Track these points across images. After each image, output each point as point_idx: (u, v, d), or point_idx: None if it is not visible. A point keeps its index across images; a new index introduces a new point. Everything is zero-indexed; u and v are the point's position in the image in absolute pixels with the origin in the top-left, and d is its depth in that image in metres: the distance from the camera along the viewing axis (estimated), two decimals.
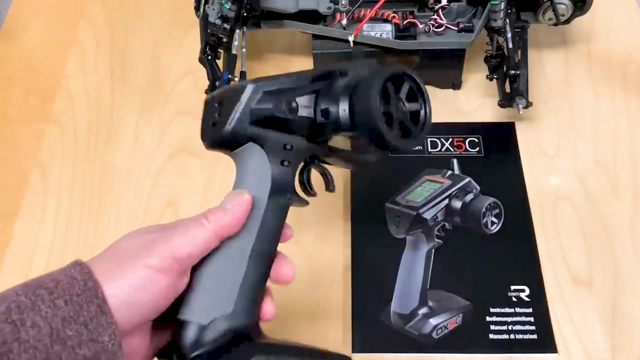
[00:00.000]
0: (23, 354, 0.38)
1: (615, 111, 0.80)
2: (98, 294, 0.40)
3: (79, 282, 0.40)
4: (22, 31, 0.92)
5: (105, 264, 0.42)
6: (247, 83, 0.48)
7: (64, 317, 0.39)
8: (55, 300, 0.39)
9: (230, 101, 0.48)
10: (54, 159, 0.79)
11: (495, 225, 0.70)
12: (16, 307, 0.38)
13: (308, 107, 0.49)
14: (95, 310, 0.40)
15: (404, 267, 0.67)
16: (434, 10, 0.76)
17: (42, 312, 0.38)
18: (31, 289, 0.39)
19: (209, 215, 0.45)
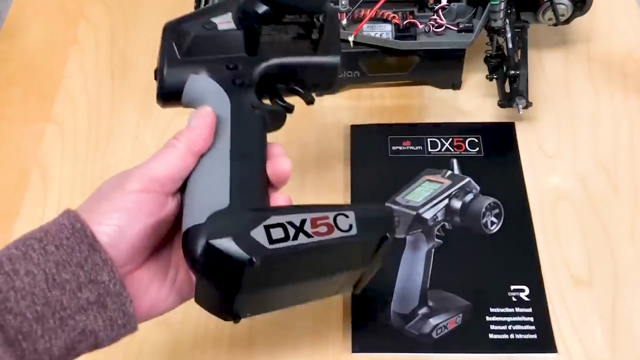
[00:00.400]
0: (21, 301, 0.37)
1: (615, 111, 0.80)
2: (87, 233, 0.40)
3: (67, 227, 0.40)
4: (22, 31, 0.92)
5: (89, 205, 0.43)
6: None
7: (56, 261, 0.39)
8: (46, 246, 0.39)
9: (160, 50, 0.50)
10: (54, 159, 0.79)
11: (495, 225, 0.70)
12: (7, 259, 0.38)
13: (229, 22, 0.50)
14: (87, 249, 0.39)
15: (404, 267, 0.67)
16: (433, 11, 0.76)
17: (34, 260, 0.38)
18: (21, 241, 0.40)
19: (178, 136, 0.46)
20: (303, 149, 0.76)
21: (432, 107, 0.80)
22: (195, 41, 0.49)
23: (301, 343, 0.65)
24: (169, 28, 0.51)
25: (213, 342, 0.64)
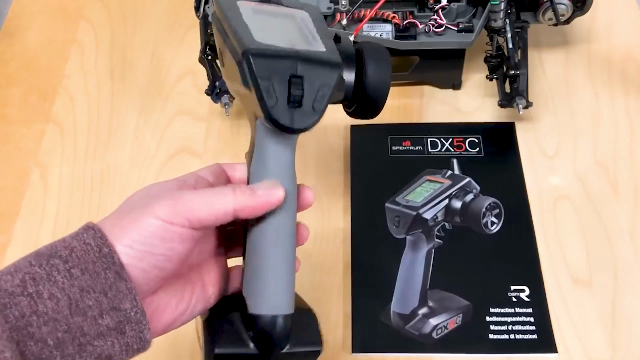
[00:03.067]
0: (43, 327, 0.37)
1: (616, 111, 0.80)
2: (115, 260, 0.38)
3: (94, 249, 0.39)
4: (23, 31, 0.92)
5: (115, 221, 0.41)
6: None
7: (81, 287, 0.38)
8: (71, 269, 0.38)
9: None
10: (54, 158, 0.79)
11: (495, 225, 0.70)
12: (31, 279, 0.37)
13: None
14: (114, 277, 0.38)
15: (404, 267, 0.67)
16: (433, 11, 0.76)
17: (58, 283, 0.37)
18: (44, 257, 0.38)
19: (238, 190, 0.42)
20: (303, 150, 0.76)
21: (432, 107, 0.80)
22: None
23: None
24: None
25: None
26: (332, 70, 0.43)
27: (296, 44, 0.44)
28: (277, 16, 0.47)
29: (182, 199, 0.40)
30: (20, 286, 0.37)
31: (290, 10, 0.48)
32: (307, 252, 0.70)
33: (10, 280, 0.37)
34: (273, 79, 0.41)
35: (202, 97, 0.76)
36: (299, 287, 0.67)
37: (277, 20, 0.47)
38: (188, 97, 0.83)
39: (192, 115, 0.82)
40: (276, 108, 0.42)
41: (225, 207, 0.41)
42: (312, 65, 0.43)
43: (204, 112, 0.81)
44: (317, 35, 0.46)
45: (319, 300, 0.67)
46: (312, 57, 0.43)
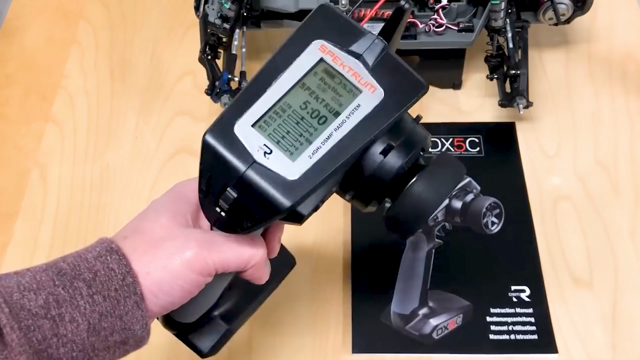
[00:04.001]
0: (61, 348, 0.38)
1: (616, 111, 0.79)
2: (137, 290, 0.40)
3: (117, 276, 0.40)
4: (22, 31, 0.92)
5: (139, 249, 0.42)
6: (281, 202, 0.41)
7: (101, 312, 0.39)
8: (94, 295, 0.39)
9: (253, 217, 0.44)
10: (54, 158, 0.79)
11: (495, 225, 0.70)
12: (54, 300, 0.38)
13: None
14: (132, 305, 0.40)
15: (404, 267, 0.67)
16: (434, 10, 0.76)
17: (80, 308, 0.39)
18: (68, 279, 0.39)
19: (263, 249, 0.46)
20: None
21: (432, 107, 0.80)
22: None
23: (301, 343, 0.64)
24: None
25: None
26: (271, 209, 0.40)
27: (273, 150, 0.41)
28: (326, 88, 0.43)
29: (212, 248, 0.43)
30: (44, 308, 0.38)
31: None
32: (307, 252, 0.70)
33: (34, 299, 0.38)
34: (211, 176, 0.42)
35: (202, 97, 0.76)
36: (299, 287, 0.67)
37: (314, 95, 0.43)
38: (188, 97, 0.83)
39: (192, 115, 0.82)
40: (205, 202, 0.43)
41: (249, 260, 0.45)
42: (251, 193, 0.40)
43: (203, 112, 0.81)
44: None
45: (319, 300, 0.67)
46: (252, 186, 0.40)
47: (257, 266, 0.45)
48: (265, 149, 0.41)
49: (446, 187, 0.45)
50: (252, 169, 0.40)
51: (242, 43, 0.77)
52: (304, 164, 0.41)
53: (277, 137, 0.41)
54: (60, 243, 0.72)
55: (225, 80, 0.73)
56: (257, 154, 0.41)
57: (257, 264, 0.45)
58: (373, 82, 0.42)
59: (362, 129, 0.41)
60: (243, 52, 0.77)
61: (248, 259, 0.44)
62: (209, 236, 0.44)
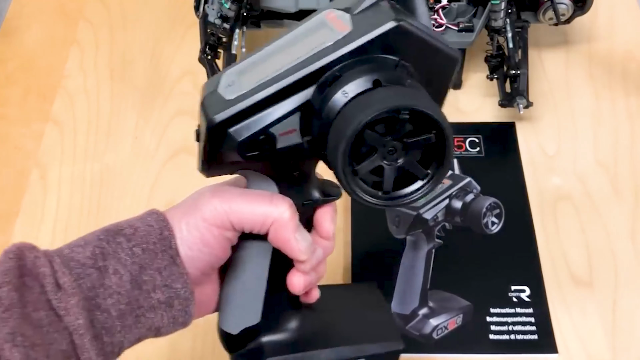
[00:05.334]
0: (108, 299, 0.40)
1: (616, 111, 0.79)
2: (172, 244, 0.41)
3: (155, 230, 0.42)
4: (22, 30, 0.92)
5: (177, 212, 0.43)
6: (211, 113, 0.40)
7: (140, 264, 0.41)
8: (133, 248, 0.41)
9: (202, 130, 0.42)
10: (54, 158, 0.79)
11: (495, 225, 0.70)
12: (100, 253, 0.40)
13: (292, 132, 0.40)
14: (168, 260, 0.41)
15: (404, 267, 0.67)
16: (434, 10, 0.76)
17: (122, 260, 0.41)
18: (111, 234, 0.42)
19: (284, 207, 0.42)
20: None
21: None
22: (245, 157, 0.41)
23: None
24: (214, 130, 0.40)
25: (213, 343, 0.64)
26: (205, 126, 0.40)
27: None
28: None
29: (226, 202, 0.42)
30: (91, 259, 0.40)
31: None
32: None
33: (81, 252, 0.41)
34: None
35: None
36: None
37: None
38: (188, 97, 0.83)
39: (192, 115, 0.81)
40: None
41: (266, 216, 0.42)
42: (201, 118, 0.42)
43: None
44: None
45: None
46: (201, 109, 0.42)
47: (279, 228, 0.42)
48: (230, 82, 0.42)
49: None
50: (208, 96, 0.42)
51: (242, 43, 0.77)
52: (247, 87, 0.40)
53: (244, 72, 0.42)
54: (60, 243, 0.72)
55: None
56: (221, 86, 0.42)
57: (277, 224, 0.42)
58: (348, 24, 0.40)
59: (312, 59, 0.39)
60: (243, 52, 0.77)
61: (264, 214, 0.42)
62: (224, 186, 0.44)
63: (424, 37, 0.39)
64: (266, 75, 0.40)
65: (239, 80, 0.41)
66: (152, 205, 0.74)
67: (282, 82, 0.39)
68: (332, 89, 0.39)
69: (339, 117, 0.38)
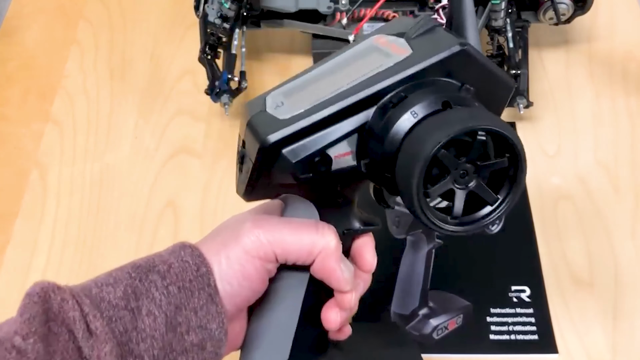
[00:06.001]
0: (141, 343, 0.37)
1: (616, 111, 0.79)
2: (210, 282, 0.39)
3: (192, 267, 0.39)
4: (22, 30, 0.92)
5: (209, 245, 0.41)
6: (263, 133, 0.39)
7: (177, 304, 0.38)
8: (169, 286, 0.38)
9: (250, 152, 0.40)
10: (53, 158, 0.79)
11: (495, 225, 0.70)
12: (132, 292, 0.38)
13: (348, 155, 0.39)
14: (206, 298, 0.39)
15: (405, 267, 0.67)
16: (434, 10, 0.76)
17: (156, 300, 0.38)
18: (143, 271, 0.39)
19: (330, 236, 0.41)
20: None
21: None
22: (296, 180, 0.40)
23: None
24: (267, 152, 0.39)
25: None
26: (255, 147, 0.38)
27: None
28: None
29: (273, 234, 0.40)
30: (123, 299, 0.37)
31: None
32: None
33: (112, 292, 0.38)
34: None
35: (202, 96, 0.76)
36: None
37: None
38: (188, 97, 0.83)
39: (192, 115, 0.81)
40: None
41: (311, 246, 0.40)
42: (248, 137, 0.40)
43: (203, 112, 0.81)
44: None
45: None
46: (250, 129, 0.39)
47: (326, 258, 0.40)
48: (279, 102, 0.40)
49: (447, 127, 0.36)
50: (256, 116, 0.40)
51: (242, 43, 0.77)
52: (302, 107, 0.39)
53: (294, 92, 0.41)
54: (60, 243, 0.72)
55: (225, 80, 0.73)
56: (269, 107, 0.40)
57: (323, 253, 0.40)
58: (406, 48, 0.40)
59: (371, 80, 0.38)
60: (243, 52, 0.77)
61: (311, 244, 0.40)
62: (266, 216, 0.42)
63: (485, 63, 0.39)
64: (322, 96, 0.39)
65: (288, 101, 0.40)
66: (151, 205, 0.74)
67: (341, 102, 0.38)
68: (397, 110, 0.37)
69: (408, 138, 0.37)
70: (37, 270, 0.70)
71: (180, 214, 0.73)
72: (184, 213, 0.73)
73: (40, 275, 0.70)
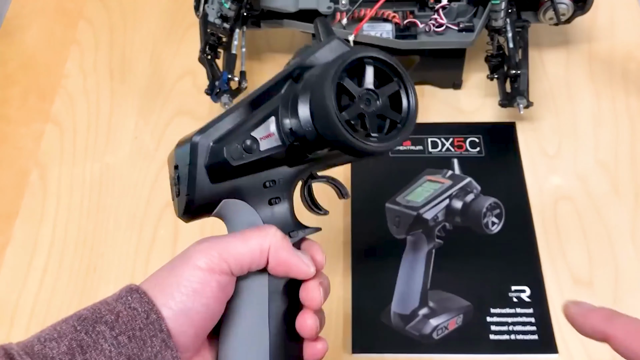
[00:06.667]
0: None
1: (616, 111, 0.79)
2: (162, 327, 0.38)
3: (141, 315, 0.38)
4: (22, 31, 0.92)
5: (157, 279, 0.40)
6: (190, 139, 0.43)
7: (128, 355, 0.37)
8: (118, 336, 0.37)
9: (182, 166, 0.44)
10: (53, 159, 0.79)
11: (496, 225, 0.70)
12: (78, 346, 0.36)
13: (271, 136, 0.42)
14: (160, 345, 0.38)
15: (405, 267, 0.67)
16: (434, 10, 0.76)
17: (105, 352, 0.36)
18: (89, 323, 0.37)
19: (275, 231, 0.42)
20: None
21: (432, 107, 0.80)
22: (231, 170, 0.42)
23: None
24: (198, 144, 0.43)
25: None
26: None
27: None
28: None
29: (217, 244, 0.41)
30: (68, 354, 0.36)
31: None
32: None
33: (56, 347, 0.36)
34: None
35: (202, 96, 0.76)
36: None
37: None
38: (188, 97, 0.83)
39: (192, 115, 0.81)
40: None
41: (261, 249, 0.41)
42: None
43: (203, 112, 0.81)
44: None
45: None
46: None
47: (277, 251, 0.41)
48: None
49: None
50: (180, 140, 0.46)
51: (242, 43, 0.77)
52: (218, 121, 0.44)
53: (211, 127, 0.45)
54: (60, 243, 0.72)
55: (225, 80, 0.73)
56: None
57: (273, 248, 0.41)
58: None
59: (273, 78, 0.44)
60: (243, 52, 0.77)
61: (258, 244, 0.41)
62: (212, 236, 0.42)
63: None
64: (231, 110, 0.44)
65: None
66: (151, 205, 0.74)
67: (254, 94, 0.43)
68: (304, 76, 0.43)
69: (317, 76, 0.41)
70: (37, 270, 0.70)
71: None
72: None
73: (40, 275, 0.70)
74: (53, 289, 0.69)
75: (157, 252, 0.71)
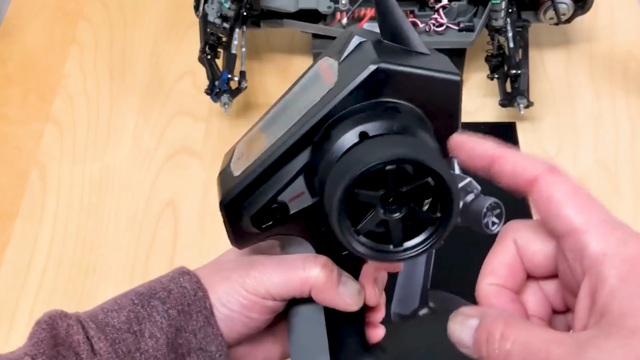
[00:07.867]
0: None
1: (617, 111, 0.79)
2: (207, 305, 0.41)
3: (189, 292, 0.41)
4: (22, 30, 0.92)
5: (210, 272, 0.43)
6: (221, 198, 0.40)
7: (177, 327, 0.41)
8: (169, 310, 0.41)
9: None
10: (53, 158, 0.79)
11: (496, 225, 0.70)
12: (135, 317, 0.40)
13: (300, 195, 0.39)
14: (204, 320, 0.41)
15: (405, 267, 0.67)
16: (434, 10, 0.75)
17: (157, 324, 0.40)
18: (145, 298, 0.41)
19: (317, 270, 0.41)
20: None
21: None
22: (265, 227, 0.40)
23: None
24: (227, 206, 0.40)
25: None
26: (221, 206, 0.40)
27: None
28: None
29: (263, 275, 0.41)
30: (126, 323, 0.40)
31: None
32: None
33: (116, 317, 0.40)
34: None
35: (202, 96, 0.75)
36: None
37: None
38: (188, 97, 0.83)
39: (192, 115, 0.81)
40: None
41: (302, 284, 0.41)
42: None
43: (203, 111, 0.81)
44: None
45: None
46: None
47: (318, 293, 0.41)
48: (240, 154, 0.41)
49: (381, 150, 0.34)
50: (222, 172, 0.41)
51: (241, 42, 0.77)
52: (251, 159, 0.39)
53: (253, 141, 0.41)
54: (60, 243, 0.72)
55: (225, 79, 0.73)
56: (233, 159, 0.41)
57: (315, 288, 0.41)
58: (335, 74, 0.38)
59: (303, 120, 0.38)
60: (243, 52, 0.77)
61: (299, 282, 0.41)
62: (261, 257, 0.43)
63: (411, 72, 0.37)
64: (267, 144, 0.39)
65: (247, 151, 0.41)
66: (151, 205, 0.74)
67: (278, 151, 0.38)
68: (324, 149, 0.36)
69: (329, 179, 0.35)
70: (37, 270, 0.70)
71: (180, 214, 0.73)
72: (184, 213, 0.73)
73: (40, 275, 0.70)
74: (53, 288, 0.69)
75: (156, 252, 0.71)
